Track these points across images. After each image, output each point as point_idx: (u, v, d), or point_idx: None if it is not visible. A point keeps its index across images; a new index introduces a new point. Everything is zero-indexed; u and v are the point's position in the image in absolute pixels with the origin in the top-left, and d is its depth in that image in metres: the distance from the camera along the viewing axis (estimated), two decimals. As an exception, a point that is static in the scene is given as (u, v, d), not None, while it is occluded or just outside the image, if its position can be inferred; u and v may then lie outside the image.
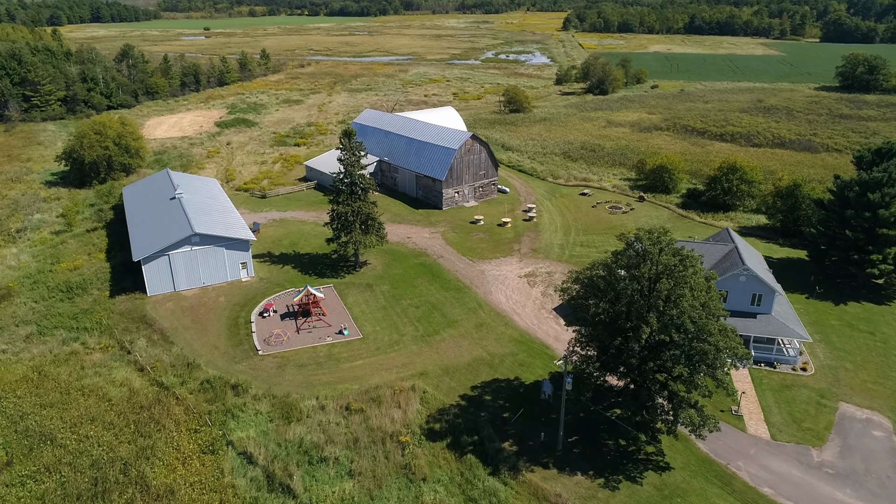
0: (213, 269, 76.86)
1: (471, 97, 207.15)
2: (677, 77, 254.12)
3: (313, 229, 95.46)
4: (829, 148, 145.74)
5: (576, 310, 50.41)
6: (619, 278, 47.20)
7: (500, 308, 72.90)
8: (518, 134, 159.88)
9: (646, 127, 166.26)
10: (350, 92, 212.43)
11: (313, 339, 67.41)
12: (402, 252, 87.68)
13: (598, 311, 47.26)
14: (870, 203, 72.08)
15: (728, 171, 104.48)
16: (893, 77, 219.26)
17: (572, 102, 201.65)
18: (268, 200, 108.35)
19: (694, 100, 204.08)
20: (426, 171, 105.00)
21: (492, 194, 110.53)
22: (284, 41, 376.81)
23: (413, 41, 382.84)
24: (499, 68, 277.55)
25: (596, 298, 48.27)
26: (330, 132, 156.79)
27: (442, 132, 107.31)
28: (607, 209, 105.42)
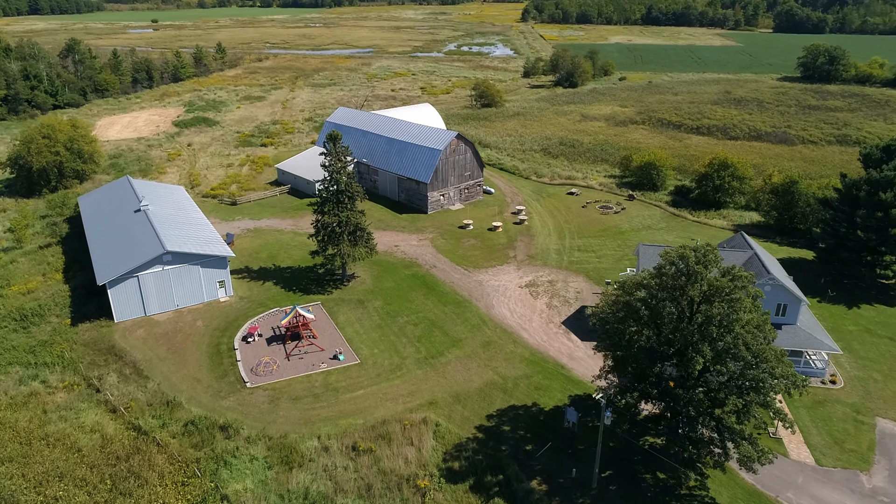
0: (188, 289, 69.72)
1: (439, 91, 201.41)
2: (642, 69, 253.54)
3: (292, 239, 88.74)
4: (805, 140, 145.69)
5: (611, 336, 45.82)
6: (661, 300, 42.79)
7: (506, 323, 68.06)
8: (493, 130, 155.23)
9: (621, 121, 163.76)
10: (313, 87, 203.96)
11: (306, 366, 61.29)
12: (391, 262, 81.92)
13: (640, 339, 42.78)
14: (881, 202, 69.80)
15: (719, 168, 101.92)
16: (853, 67, 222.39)
17: (543, 96, 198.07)
18: (239, 208, 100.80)
19: (663, 92, 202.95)
20: (409, 174, 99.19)
21: (477, 196, 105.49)
22: (238, 34, 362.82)
23: (372, 33, 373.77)
24: (463, 61, 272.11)
25: (637, 324, 43.81)
26: (297, 130, 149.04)
27: (425, 132, 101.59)
28: (598, 209, 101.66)
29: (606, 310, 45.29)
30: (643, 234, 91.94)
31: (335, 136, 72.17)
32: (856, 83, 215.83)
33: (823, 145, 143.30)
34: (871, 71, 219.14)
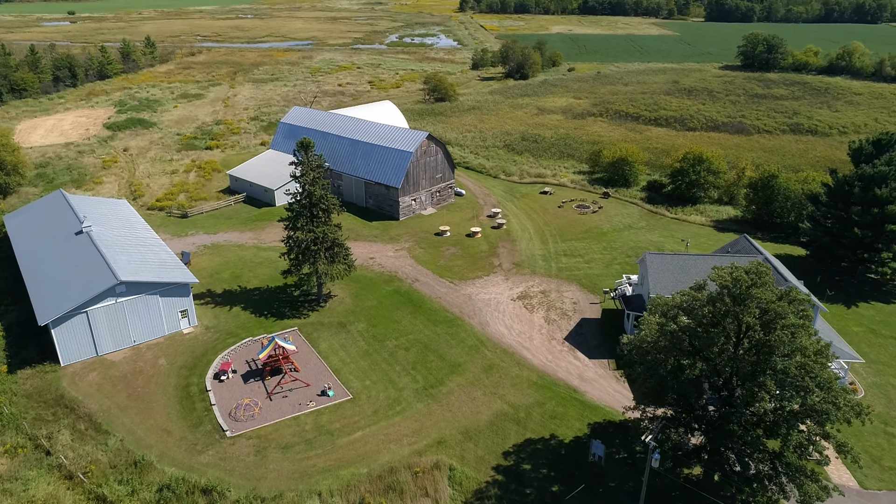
0: (146, 322, 61.37)
1: (389, 85, 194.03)
2: (588, 59, 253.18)
3: (256, 255, 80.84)
4: (760, 129, 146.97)
5: (651, 367, 41.34)
6: (711, 326, 38.56)
7: (505, 343, 63.03)
8: (451, 125, 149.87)
9: (579, 113, 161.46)
10: (255, 83, 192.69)
11: (292, 406, 54.52)
12: (369, 278, 75.48)
13: (688, 371, 38.45)
14: (876, 198, 68.48)
15: (694, 163, 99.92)
16: (790, 56, 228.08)
17: (496, 88, 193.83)
18: (191, 220, 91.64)
19: (614, 82, 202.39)
20: (378, 178, 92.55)
21: (449, 199, 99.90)
22: (166, 26, 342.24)
23: (309, 25, 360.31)
24: (408, 53, 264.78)
25: (683, 355, 39.47)
26: (244, 131, 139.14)
27: (392, 132, 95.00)
28: (574, 209, 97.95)
29: (647, 339, 40.74)
30: (625, 234, 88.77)
31: (307, 143, 65.03)
32: (793, 71, 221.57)
33: (778, 134, 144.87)
34: (806, 59, 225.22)
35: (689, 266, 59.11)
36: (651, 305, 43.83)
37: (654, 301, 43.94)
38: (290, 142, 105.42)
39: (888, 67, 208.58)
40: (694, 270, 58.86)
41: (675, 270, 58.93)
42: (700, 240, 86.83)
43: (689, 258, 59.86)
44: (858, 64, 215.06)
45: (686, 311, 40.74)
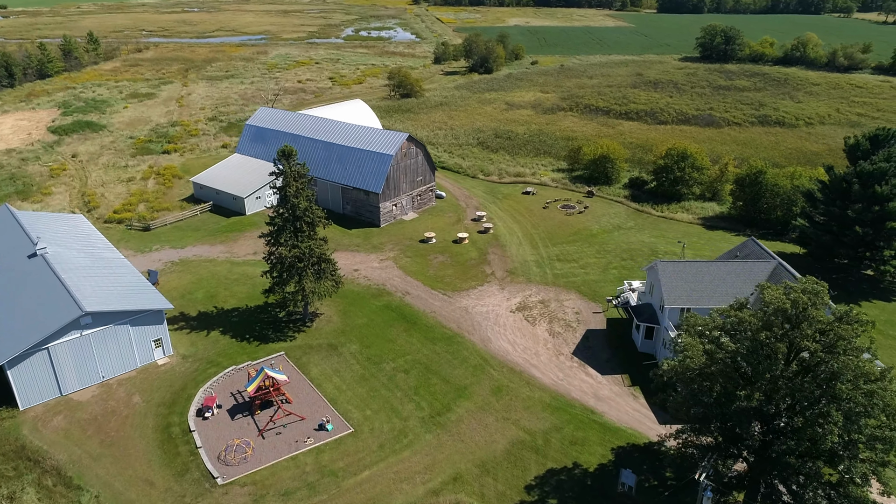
0: (116, 355, 55.17)
1: (351, 81, 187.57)
2: (549, 52, 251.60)
3: (230, 271, 74.84)
4: (730, 122, 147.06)
5: (695, 395, 38.09)
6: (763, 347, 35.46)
7: (510, 360, 59.21)
8: (420, 123, 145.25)
9: (548, 108, 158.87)
10: (209, 80, 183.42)
11: (288, 444, 49.52)
12: (356, 292, 70.53)
13: (739, 400, 35.29)
14: (875, 196, 67.30)
15: (679, 159, 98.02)
16: (747, 47, 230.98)
17: (461, 83, 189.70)
18: (154, 234, 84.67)
19: (578, 75, 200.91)
20: (356, 183, 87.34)
21: (430, 202, 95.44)
22: (107, 21, 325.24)
23: (260, 18, 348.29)
24: (366, 47, 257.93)
25: (739, 385, 36.28)
26: (202, 132, 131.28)
27: (370, 134, 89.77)
28: (560, 209, 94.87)
29: (693, 366, 37.38)
30: (616, 235, 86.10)
31: (288, 151, 59.57)
32: (750, 62, 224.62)
33: (748, 126, 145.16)
34: (763, 50, 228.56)
35: (702, 274, 56.41)
36: (686, 326, 40.61)
37: (689, 321, 40.74)
38: (257, 145, 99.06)
39: (841, 58, 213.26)
40: (708, 278, 56.23)
41: (688, 279, 56.15)
42: (692, 239, 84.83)
43: (701, 266, 57.18)
44: (812, 54, 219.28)
45: (730, 334, 37.62)
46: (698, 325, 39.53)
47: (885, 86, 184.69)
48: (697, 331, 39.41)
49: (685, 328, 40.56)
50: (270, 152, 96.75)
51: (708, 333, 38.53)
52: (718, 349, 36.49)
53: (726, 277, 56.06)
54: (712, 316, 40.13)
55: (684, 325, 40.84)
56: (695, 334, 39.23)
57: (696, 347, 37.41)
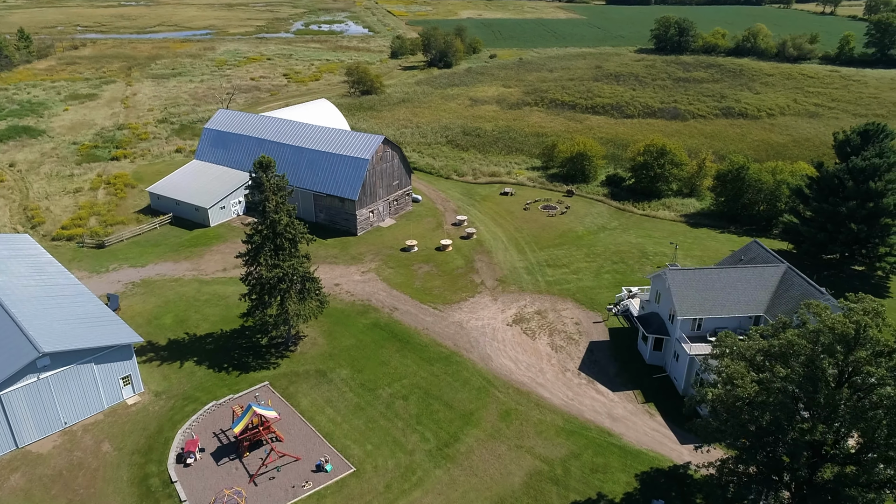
0: (80, 398, 49.04)
1: (307, 78, 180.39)
2: (504, 44, 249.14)
3: (199, 291, 68.78)
4: (695, 115, 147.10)
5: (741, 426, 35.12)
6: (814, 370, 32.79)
7: (515, 380, 55.60)
8: (384, 120, 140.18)
9: (514, 103, 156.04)
10: (155, 79, 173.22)
11: (284, 490, 44.66)
12: (340, 309, 65.62)
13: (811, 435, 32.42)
14: (869, 192, 66.44)
15: (658, 155, 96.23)
16: (700, 38, 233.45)
17: (421, 78, 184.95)
18: (110, 251, 77.52)
19: (538, 69, 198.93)
20: (330, 190, 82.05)
21: (407, 206, 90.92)
22: (37, 16, 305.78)
23: (203, 12, 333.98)
24: (319, 41, 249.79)
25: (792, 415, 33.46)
26: (153, 136, 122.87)
27: (343, 137, 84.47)
28: (541, 210, 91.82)
29: (741, 394, 34.35)
30: (602, 236, 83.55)
31: (266, 162, 54.20)
32: (704, 53, 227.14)
33: (712, 119, 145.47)
34: (715, 41, 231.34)
35: (713, 281, 53.99)
36: (724, 348, 37.67)
37: (726, 341, 37.83)
38: (217, 150, 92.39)
39: (790, 49, 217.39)
40: (719, 286, 53.84)
41: (699, 287, 53.63)
42: (678, 238, 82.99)
43: (711, 273, 54.76)
44: (763, 45, 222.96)
45: (776, 357, 34.83)
46: (740, 348, 36.59)
47: (835, 76, 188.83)
48: (740, 354, 36.50)
49: (723, 350, 37.64)
50: (233, 158, 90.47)
51: (754, 358, 35.65)
52: (775, 378, 33.52)
53: (737, 284, 53.81)
54: (752, 336, 37.34)
55: (721, 346, 37.94)
56: (737, 358, 36.31)
57: (745, 376, 34.40)
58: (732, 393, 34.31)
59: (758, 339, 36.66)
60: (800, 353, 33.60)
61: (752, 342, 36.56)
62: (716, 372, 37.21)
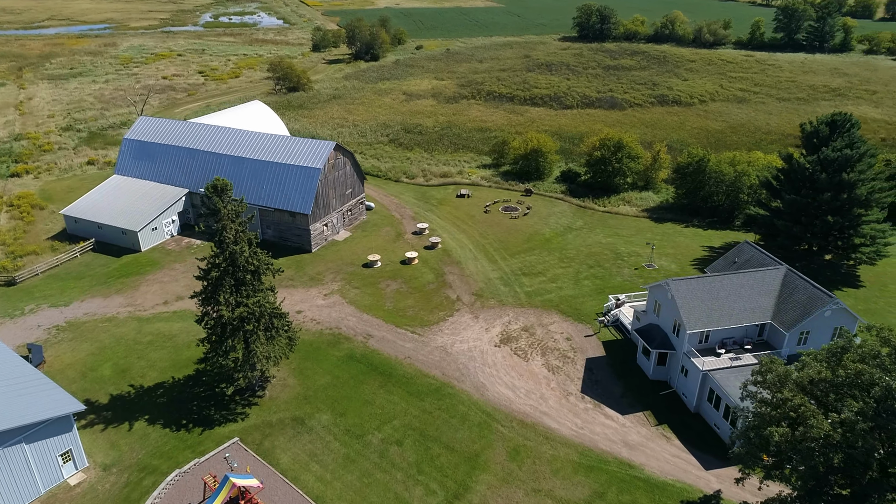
0: (9, 486, 40.09)
1: (226, 75, 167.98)
2: (427, 35, 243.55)
3: (139, 331, 59.79)
4: (632, 103, 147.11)
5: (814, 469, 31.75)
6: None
7: (516, 410, 50.82)
8: (317, 119, 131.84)
9: (450, 97, 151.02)
10: (52, 80, 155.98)
11: (279, 575, 37.99)
12: (307, 340, 58.58)
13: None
14: (842, 183, 65.98)
15: (615, 149, 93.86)
16: (621, 25, 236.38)
17: (349, 73, 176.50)
18: (23, 289, 66.60)
19: (468, 59, 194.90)
20: (279, 204, 74.16)
21: (361, 216, 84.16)
22: None
23: (98, 4, 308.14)
24: (232, 35, 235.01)
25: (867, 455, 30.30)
26: (58, 146, 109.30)
27: (290, 145, 76.44)
28: (502, 212, 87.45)
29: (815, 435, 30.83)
30: (570, 238, 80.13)
31: (221, 186, 46.48)
32: (625, 40, 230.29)
33: (649, 107, 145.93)
34: (636, 28, 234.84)
35: (716, 290, 51.14)
36: (775, 378, 34.25)
37: (776, 370, 34.48)
38: (142, 163, 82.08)
39: (707, 34, 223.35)
40: (724, 294, 51.07)
41: (703, 298, 50.64)
42: (647, 235, 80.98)
43: (713, 281, 51.87)
44: (681, 31, 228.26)
45: (845, 387, 31.65)
46: (800, 378, 33.19)
47: (751, 60, 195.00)
48: (790, 385, 33.17)
49: (773, 381, 34.20)
50: (161, 171, 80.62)
51: (815, 391, 32.36)
52: (860, 419, 30.10)
53: (741, 291, 51.23)
54: (806, 362, 34.08)
55: (770, 376, 34.51)
56: (785, 386, 32.94)
57: (817, 414, 30.98)
58: (807, 434, 30.80)
59: (817, 366, 33.37)
60: (873, 382, 30.50)
61: (807, 371, 33.27)
62: (772, 406, 33.73)
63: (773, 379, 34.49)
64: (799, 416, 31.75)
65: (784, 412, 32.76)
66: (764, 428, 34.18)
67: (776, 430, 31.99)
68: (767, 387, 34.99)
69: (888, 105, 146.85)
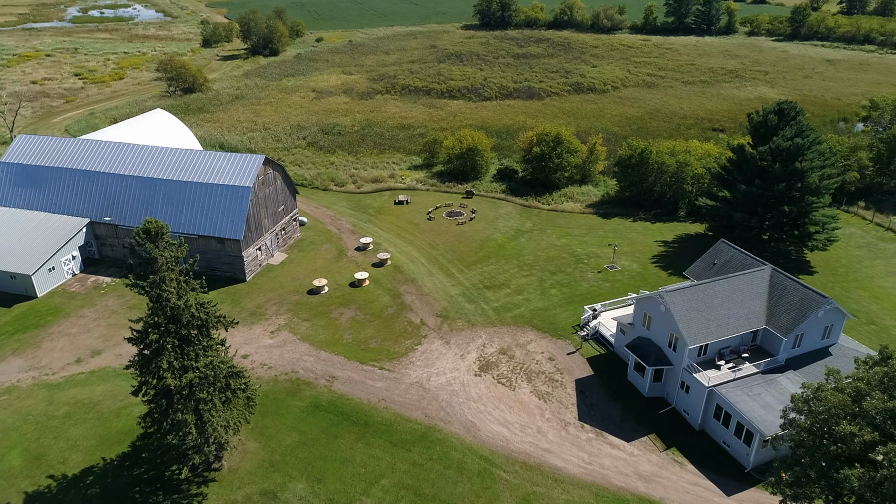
0: None
1: (108, 77, 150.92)
2: (325, 26, 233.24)
3: (50, 402, 49.42)
4: (549, 93, 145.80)
5: None
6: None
7: (516, 450, 45.87)
8: (223, 124, 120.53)
9: (363, 92, 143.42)
10: None
11: None
12: (263, 392, 50.53)
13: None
14: (795, 172, 65.89)
15: (554, 144, 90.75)
16: (521, 13, 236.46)
17: (248, 70, 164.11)
18: None
19: (373, 51, 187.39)
20: (204, 230, 64.70)
21: (295, 233, 75.93)
22: None
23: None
24: (107, 31, 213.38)
25: None
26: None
27: (211, 161, 66.76)
28: (447, 218, 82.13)
29: None
30: (524, 242, 76.10)
31: (156, 230, 37.80)
32: (526, 27, 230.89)
33: (566, 95, 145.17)
34: (536, 15, 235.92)
35: (709, 298, 48.48)
36: (831, 408, 31.27)
37: (830, 399, 31.44)
38: (27, 191, 69.49)
39: (604, 20, 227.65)
40: (717, 302, 48.50)
41: (699, 308, 47.82)
42: (598, 232, 78.63)
43: (706, 289, 49.12)
44: (579, 17, 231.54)
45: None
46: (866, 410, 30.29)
47: (649, 45, 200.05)
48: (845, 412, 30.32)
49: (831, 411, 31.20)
50: (51, 199, 68.66)
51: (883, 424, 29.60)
52: None
53: (733, 297, 48.91)
54: (860, 388, 31.28)
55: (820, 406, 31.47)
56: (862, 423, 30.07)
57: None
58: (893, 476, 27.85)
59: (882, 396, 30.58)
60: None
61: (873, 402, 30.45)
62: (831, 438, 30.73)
63: (823, 410, 31.55)
64: (866, 452, 28.88)
65: (852, 448, 29.88)
66: (818, 459, 31.29)
67: (852, 474, 28.98)
68: (818, 418, 32.04)
69: (782, 85, 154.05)
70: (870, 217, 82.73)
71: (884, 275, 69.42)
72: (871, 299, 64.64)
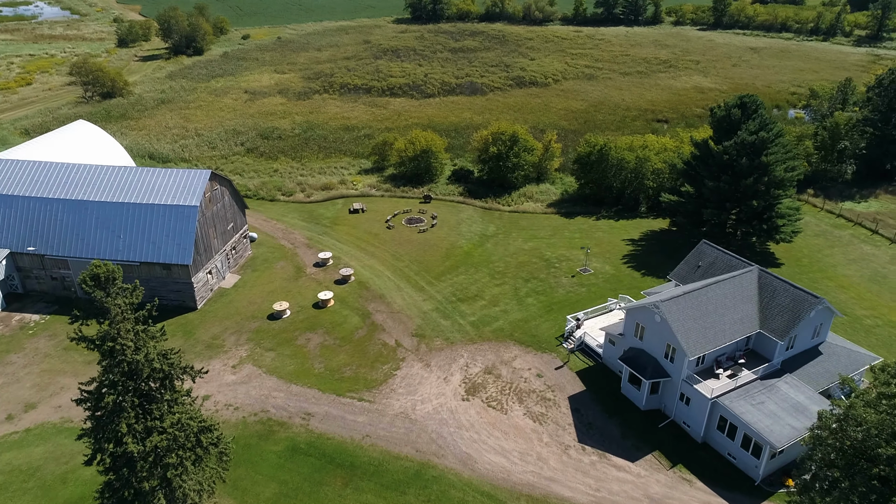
0: None
1: (13, 83, 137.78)
2: (250, 22, 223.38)
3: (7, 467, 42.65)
4: (492, 88, 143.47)
5: None
6: None
7: (520, 482, 42.75)
8: (150, 132, 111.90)
9: (300, 92, 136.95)
10: None
11: None
12: (232, 438, 45.40)
13: None
14: (761, 166, 65.65)
15: (511, 144, 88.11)
16: (453, 5, 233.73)
17: (172, 71, 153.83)
18: None
19: (304, 48, 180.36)
20: (148, 256, 58.16)
21: (246, 251, 70.09)
22: None
23: None
24: (8, 31, 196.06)
25: None
26: None
27: (149, 179, 59.91)
28: (407, 226, 78.16)
29: None
30: (490, 248, 73.12)
31: (106, 275, 32.27)
32: (458, 20, 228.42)
33: (509, 90, 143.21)
34: (467, 7, 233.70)
35: (703, 304, 46.78)
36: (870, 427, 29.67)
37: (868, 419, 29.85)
38: (-69, 221, 60.65)
39: (535, 12, 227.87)
40: (711, 307, 46.87)
41: (694, 316, 46.01)
42: (563, 233, 76.66)
43: (698, 295, 47.29)
44: (511, 9, 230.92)
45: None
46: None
47: (582, 36, 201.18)
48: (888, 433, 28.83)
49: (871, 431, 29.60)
50: (-38, 229, 60.20)
51: None
52: None
53: (725, 302, 47.46)
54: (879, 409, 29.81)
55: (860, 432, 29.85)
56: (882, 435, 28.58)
57: None
58: None
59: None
60: None
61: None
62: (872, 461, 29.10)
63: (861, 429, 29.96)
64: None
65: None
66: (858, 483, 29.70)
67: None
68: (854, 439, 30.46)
69: (714, 74, 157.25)
70: (820, 204, 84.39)
71: (845, 262, 70.48)
72: (839, 289, 65.27)
